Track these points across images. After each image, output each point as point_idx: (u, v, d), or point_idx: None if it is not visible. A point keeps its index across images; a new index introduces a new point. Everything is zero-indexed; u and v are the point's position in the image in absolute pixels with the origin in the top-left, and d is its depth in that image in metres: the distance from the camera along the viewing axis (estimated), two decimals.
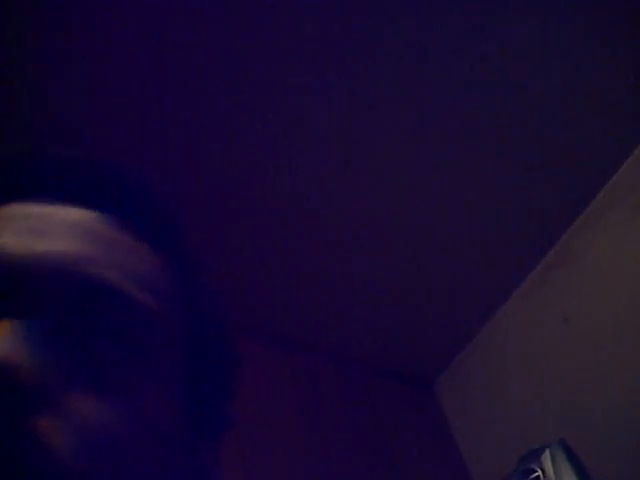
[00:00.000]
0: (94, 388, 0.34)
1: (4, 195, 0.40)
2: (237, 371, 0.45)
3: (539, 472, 1.15)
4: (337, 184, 1.44)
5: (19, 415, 0.31)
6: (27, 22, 1.10)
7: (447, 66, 1.32)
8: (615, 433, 1.39)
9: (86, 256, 0.37)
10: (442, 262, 1.61)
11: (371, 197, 1.48)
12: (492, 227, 1.56)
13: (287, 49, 1.24)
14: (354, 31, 1.24)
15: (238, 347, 0.46)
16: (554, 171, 1.50)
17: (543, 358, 1.59)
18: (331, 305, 1.62)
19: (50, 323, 0.35)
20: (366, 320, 1.67)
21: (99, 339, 0.36)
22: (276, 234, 1.48)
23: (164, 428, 0.37)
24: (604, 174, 1.54)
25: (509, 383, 1.66)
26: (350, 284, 1.60)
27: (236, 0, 1.16)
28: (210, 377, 0.43)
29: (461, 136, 1.43)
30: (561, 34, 1.31)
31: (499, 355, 1.71)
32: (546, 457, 1.15)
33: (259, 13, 1.19)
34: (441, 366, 1.82)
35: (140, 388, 0.36)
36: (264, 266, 1.51)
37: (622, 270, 1.47)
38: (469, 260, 1.61)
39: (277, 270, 1.53)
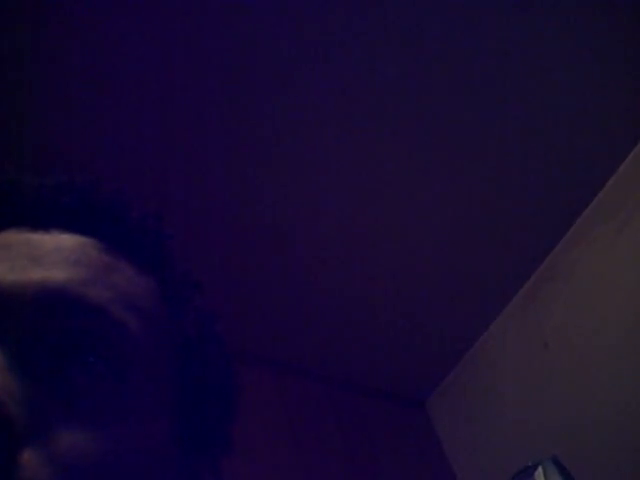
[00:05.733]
0: (78, 417, 0.34)
1: None
2: (236, 392, 0.45)
3: None
4: (329, 206, 1.45)
5: (4, 450, 0.30)
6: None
7: (446, 70, 1.33)
8: (607, 449, 1.39)
9: (77, 282, 0.37)
10: (431, 283, 1.61)
11: (362, 221, 1.49)
12: (479, 247, 1.57)
13: (287, 55, 1.25)
14: (354, 33, 1.25)
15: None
16: (540, 188, 1.51)
17: (533, 376, 1.60)
18: (322, 326, 1.61)
19: (34, 348, 0.35)
20: (357, 341, 1.67)
21: (84, 363, 0.35)
22: (264, 256, 1.48)
23: (154, 451, 0.37)
24: (591, 191, 1.55)
25: (500, 402, 1.66)
26: (341, 305, 1.60)
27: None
28: (207, 398, 0.43)
29: (448, 152, 1.44)
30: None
31: (490, 374, 1.71)
32: (539, 474, 1.14)
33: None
34: (432, 386, 1.82)
35: (126, 412, 0.36)
36: (254, 289, 1.51)
37: (610, 286, 1.48)
38: (458, 280, 1.62)
39: (267, 293, 1.53)
